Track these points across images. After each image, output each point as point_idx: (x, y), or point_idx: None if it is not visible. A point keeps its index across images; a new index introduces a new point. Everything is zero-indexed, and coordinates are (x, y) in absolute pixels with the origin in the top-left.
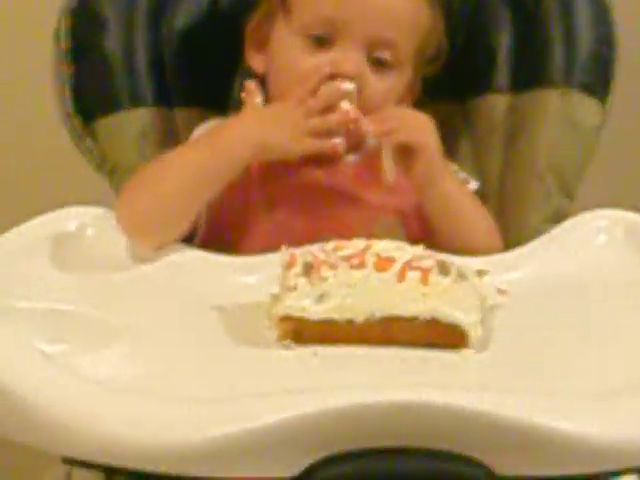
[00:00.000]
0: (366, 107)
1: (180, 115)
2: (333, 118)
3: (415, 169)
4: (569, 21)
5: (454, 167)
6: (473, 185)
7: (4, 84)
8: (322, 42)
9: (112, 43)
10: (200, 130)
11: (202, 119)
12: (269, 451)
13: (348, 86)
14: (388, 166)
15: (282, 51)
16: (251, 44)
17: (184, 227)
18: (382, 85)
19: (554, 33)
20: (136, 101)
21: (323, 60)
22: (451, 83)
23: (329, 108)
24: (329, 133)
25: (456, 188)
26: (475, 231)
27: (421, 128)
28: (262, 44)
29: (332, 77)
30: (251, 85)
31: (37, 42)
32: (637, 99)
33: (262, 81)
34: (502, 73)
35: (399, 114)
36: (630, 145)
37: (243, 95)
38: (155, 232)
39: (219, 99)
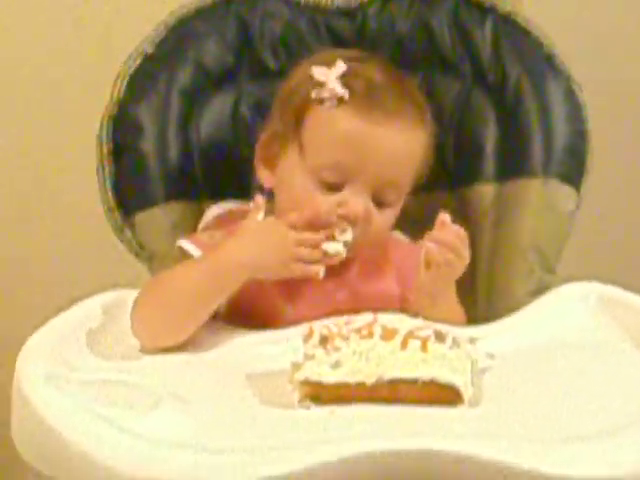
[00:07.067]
0: (369, 239)
1: (207, 207)
2: (319, 255)
3: (429, 278)
4: (547, 118)
5: None
6: None
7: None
8: (332, 185)
9: (148, 145)
10: (213, 211)
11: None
12: None
13: (346, 237)
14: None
15: (294, 186)
16: (260, 159)
17: (193, 330)
18: (384, 220)
19: (534, 129)
20: (169, 196)
21: (334, 199)
22: (444, 176)
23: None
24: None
25: (451, 298)
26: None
27: (461, 257)
28: (271, 161)
29: (340, 217)
30: (259, 200)
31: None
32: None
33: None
34: (489, 165)
35: (455, 245)
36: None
37: (251, 205)
38: (167, 342)
39: (241, 191)
